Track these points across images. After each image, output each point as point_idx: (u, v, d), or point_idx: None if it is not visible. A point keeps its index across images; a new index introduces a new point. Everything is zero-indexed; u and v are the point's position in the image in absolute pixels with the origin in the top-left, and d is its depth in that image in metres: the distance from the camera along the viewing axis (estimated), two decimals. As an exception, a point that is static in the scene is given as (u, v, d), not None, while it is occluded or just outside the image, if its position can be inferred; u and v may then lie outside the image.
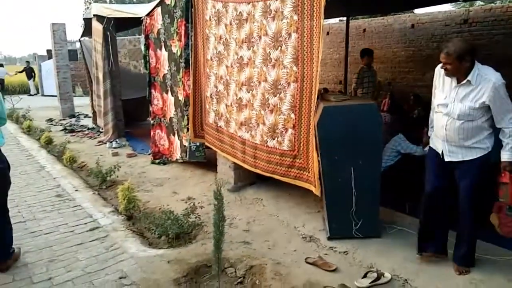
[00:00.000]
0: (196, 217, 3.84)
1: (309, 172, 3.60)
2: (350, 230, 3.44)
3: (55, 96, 12.38)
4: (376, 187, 3.36)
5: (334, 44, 10.32)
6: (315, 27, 3.26)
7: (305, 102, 3.50)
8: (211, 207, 4.10)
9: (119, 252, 3.43)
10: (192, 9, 4.93)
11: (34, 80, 20.12)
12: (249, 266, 3.13)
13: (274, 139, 3.87)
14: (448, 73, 2.73)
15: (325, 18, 3.22)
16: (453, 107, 2.74)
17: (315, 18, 3.24)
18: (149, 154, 6.63)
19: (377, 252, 3.24)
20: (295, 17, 3.41)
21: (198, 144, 5.41)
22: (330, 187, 3.43)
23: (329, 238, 3.49)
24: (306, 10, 3.30)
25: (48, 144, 7.71)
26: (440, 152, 2.92)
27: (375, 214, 3.45)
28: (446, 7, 12.43)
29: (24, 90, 20.62)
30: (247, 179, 4.83)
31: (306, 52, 3.39)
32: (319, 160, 3.39)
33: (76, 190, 5.12)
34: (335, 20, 10.86)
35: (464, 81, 2.69)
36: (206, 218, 3.94)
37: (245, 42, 4.06)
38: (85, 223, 4.07)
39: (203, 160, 5.53)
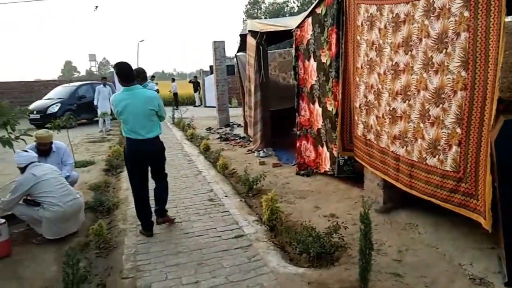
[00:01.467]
0: (339, 238, 3.55)
1: (477, 200, 2.95)
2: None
3: (215, 107, 13.71)
4: None
5: (511, 46, 8.65)
6: (493, 25, 2.66)
7: (475, 114, 2.89)
8: (356, 228, 3.77)
9: (260, 264, 3.39)
10: (344, 17, 4.72)
11: (199, 93, 22.93)
12: (400, 304, 2.69)
13: (434, 156, 3.32)
14: None
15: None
16: None
17: (493, 14, 2.65)
18: (293, 165, 6.62)
19: None
20: (466, 14, 2.86)
21: (346, 158, 5.11)
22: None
23: (507, 284, 2.78)
24: (481, 5, 2.74)
25: (206, 150, 8.48)
26: None
27: None
28: None
29: (190, 102, 23.64)
30: (399, 200, 4.30)
31: (479, 55, 2.79)
32: (495, 186, 2.74)
33: (226, 196, 5.41)
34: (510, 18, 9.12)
35: None
36: (350, 239, 3.63)
37: (402, 47, 3.62)
38: (231, 230, 4.21)
39: (351, 174, 5.21)
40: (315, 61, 5.62)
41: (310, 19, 5.63)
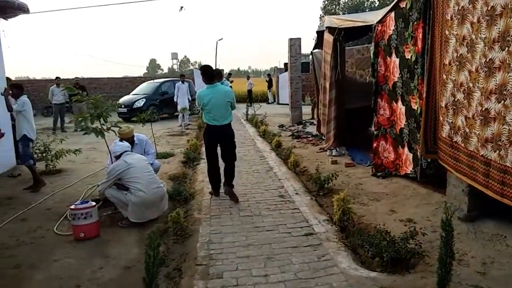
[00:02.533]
0: (416, 244, 3.35)
1: None
2: None
3: (287, 104, 13.73)
4: None
5: None
6: None
7: None
8: (435, 235, 3.55)
9: (330, 264, 3.34)
10: (431, 10, 4.42)
11: (270, 90, 23.19)
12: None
13: (533, 163, 2.98)
14: None
15: None
16: None
17: None
18: (368, 166, 6.39)
19: None
20: None
21: (429, 160, 4.81)
22: None
23: None
24: None
25: (277, 147, 8.54)
26: None
27: None
28: None
29: (263, 99, 23.96)
30: (486, 208, 3.93)
31: None
32: None
33: (296, 193, 5.40)
34: None
35: None
36: (429, 247, 3.41)
37: (498, 42, 3.29)
38: (301, 227, 4.20)
39: (433, 178, 4.89)
40: (397, 57, 5.35)
41: (393, 14, 5.37)
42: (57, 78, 14.14)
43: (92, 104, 4.64)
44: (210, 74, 5.14)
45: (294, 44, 12.45)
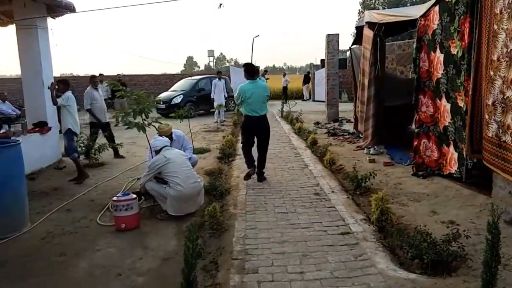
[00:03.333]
0: (459, 247, 3.22)
1: None
2: None
3: (323, 101, 13.57)
4: None
5: None
6: None
7: None
8: (479, 238, 3.41)
9: (367, 264, 3.27)
10: (478, 4, 4.22)
11: (308, 86, 22.99)
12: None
13: None
14: None
15: None
16: None
17: None
18: (407, 165, 6.21)
19: None
20: None
21: (475, 160, 4.60)
22: None
23: None
24: None
25: (313, 145, 8.46)
26: None
27: None
28: None
29: (299, 96, 23.80)
30: (536, 213, 3.72)
31: None
32: None
33: (332, 192, 5.33)
34: None
35: None
36: (472, 250, 3.27)
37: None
38: (337, 226, 4.14)
39: (479, 179, 4.68)
40: (441, 53, 5.14)
41: (437, 7, 5.16)
42: (100, 75, 14.68)
43: (135, 100, 4.80)
44: (252, 70, 5.90)
45: (332, 40, 12.27)
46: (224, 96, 13.84)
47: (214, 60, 76.88)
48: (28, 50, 7.09)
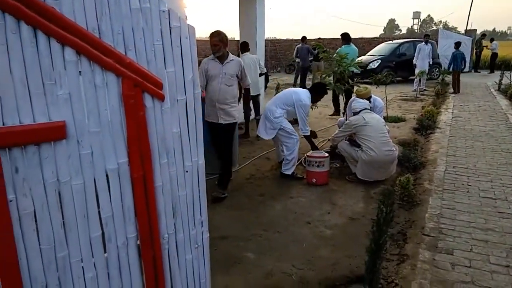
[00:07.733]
0: None
1: None
2: None
3: None
4: None
5: None
6: None
7: None
8: None
9: None
10: None
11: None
12: None
13: None
14: None
15: None
16: None
17: None
18: None
19: None
20: None
21: None
22: None
23: None
24: None
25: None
26: None
27: None
28: None
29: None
30: None
31: None
32: None
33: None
34: None
35: None
36: None
37: None
38: None
39: None
40: None
41: None
42: (303, 37, 15.25)
43: (337, 62, 4.87)
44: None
45: None
46: (429, 62, 12.54)
47: (419, 23, 70.00)
48: (247, 14, 7.89)
